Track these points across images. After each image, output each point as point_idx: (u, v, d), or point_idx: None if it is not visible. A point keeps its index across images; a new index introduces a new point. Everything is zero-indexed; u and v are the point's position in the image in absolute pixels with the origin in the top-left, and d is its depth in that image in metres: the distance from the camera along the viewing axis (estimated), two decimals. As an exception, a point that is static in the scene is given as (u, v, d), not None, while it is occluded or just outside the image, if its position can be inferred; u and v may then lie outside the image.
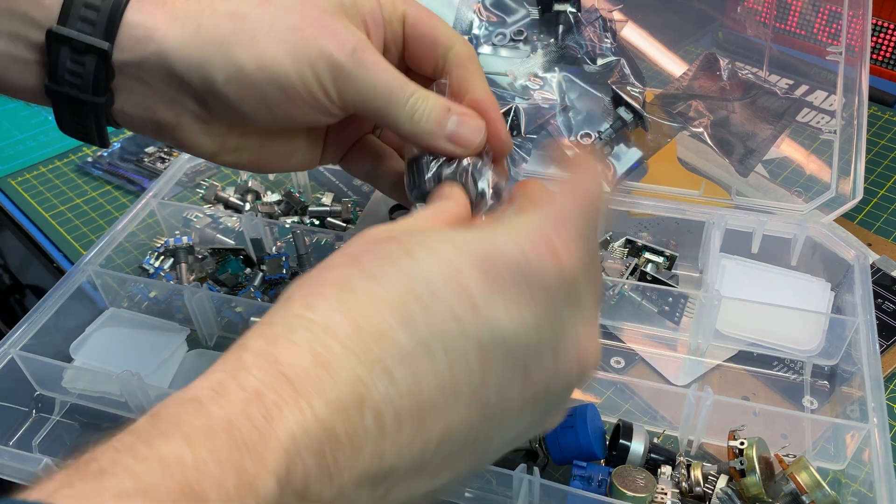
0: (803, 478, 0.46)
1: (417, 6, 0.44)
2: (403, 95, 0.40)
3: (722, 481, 0.49)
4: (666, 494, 0.47)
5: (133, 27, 0.39)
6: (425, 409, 0.29)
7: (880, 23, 0.89)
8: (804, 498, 0.46)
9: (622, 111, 0.68)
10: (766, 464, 0.48)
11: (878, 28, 0.89)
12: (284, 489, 0.26)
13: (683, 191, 0.67)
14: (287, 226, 0.67)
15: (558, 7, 0.72)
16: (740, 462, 0.47)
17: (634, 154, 0.69)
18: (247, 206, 0.72)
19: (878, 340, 0.56)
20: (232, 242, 0.70)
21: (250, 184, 0.73)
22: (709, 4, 0.76)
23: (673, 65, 0.74)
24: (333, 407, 0.27)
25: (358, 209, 0.71)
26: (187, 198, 0.76)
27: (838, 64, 0.67)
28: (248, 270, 0.66)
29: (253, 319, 0.60)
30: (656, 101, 0.71)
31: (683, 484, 0.49)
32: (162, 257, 0.67)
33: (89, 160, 0.84)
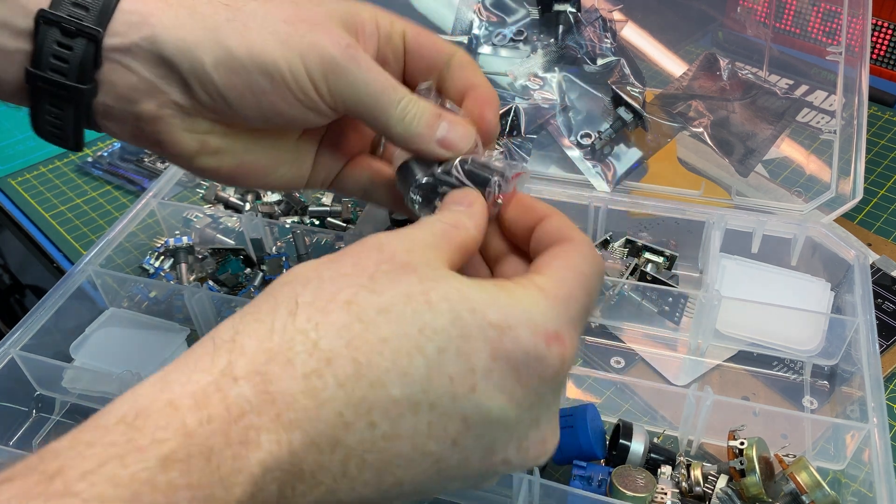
0: (803, 478, 0.46)
1: (416, 25, 0.45)
2: (395, 97, 0.40)
3: (722, 481, 0.49)
4: (666, 494, 0.47)
5: (128, 13, 0.39)
6: (391, 461, 0.30)
7: (880, 23, 0.89)
8: (804, 498, 0.46)
9: (622, 111, 0.68)
10: (766, 464, 0.48)
11: (878, 28, 0.89)
12: None
13: (683, 191, 0.67)
14: (287, 226, 0.67)
15: (558, 7, 0.72)
16: (740, 462, 0.47)
17: (634, 154, 0.69)
18: (247, 206, 0.72)
19: (878, 340, 0.56)
20: (232, 242, 0.70)
21: (250, 184, 0.73)
22: (709, 4, 0.76)
23: (673, 65, 0.74)
24: (309, 442, 0.28)
25: (358, 209, 0.71)
26: (187, 198, 0.76)
27: (838, 64, 0.67)
28: (248, 270, 0.66)
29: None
30: (656, 101, 0.71)
31: (683, 484, 0.49)
32: (162, 257, 0.67)
33: (89, 160, 0.84)
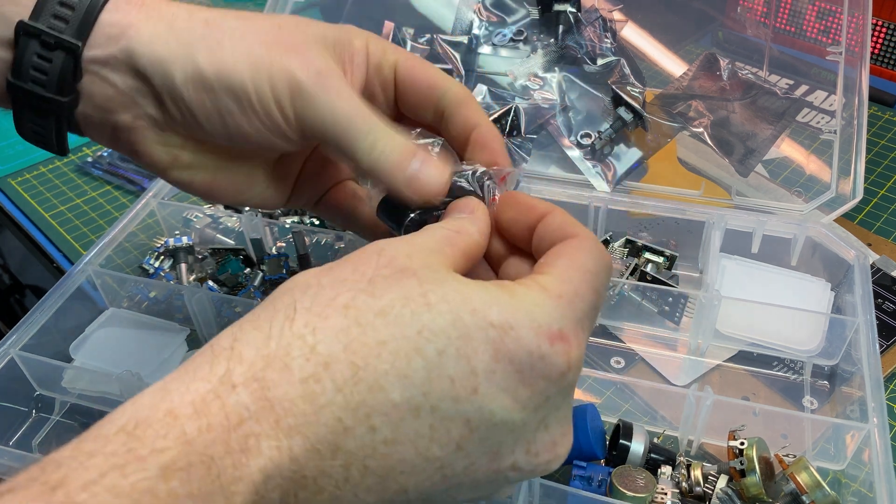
0: (803, 478, 0.46)
1: (410, 55, 0.44)
2: (365, 127, 0.38)
3: (722, 481, 0.49)
4: (666, 494, 0.47)
5: (107, 26, 0.39)
6: (394, 466, 0.29)
7: (880, 23, 0.89)
8: (804, 498, 0.46)
9: (622, 111, 0.68)
10: (766, 464, 0.48)
11: (878, 28, 0.89)
12: None
13: (683, 191, 0.67)
14: (287, 226, 0.67)
15: (558, 7, 0.72)
16: (740, 462, 0.47)
17: (634, 154, 0.69)
18: (246, 206, 0.72)
19: (878, 340, 0.56)
20: (232, 242, 0.70)
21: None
22: (709, 4, 0.76)
23: (673, 65, 0.74)
24: (310, 447, 0.27)
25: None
26: (187, 198, 0.76)
27: (838, 64, 0.67)
28: (248, 270, 0.66)
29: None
30: (656, 101, 0.71)
31: (683, 484, 0.49)
32: (162, 257, 0.67)
33: (89, 160, 0.84)
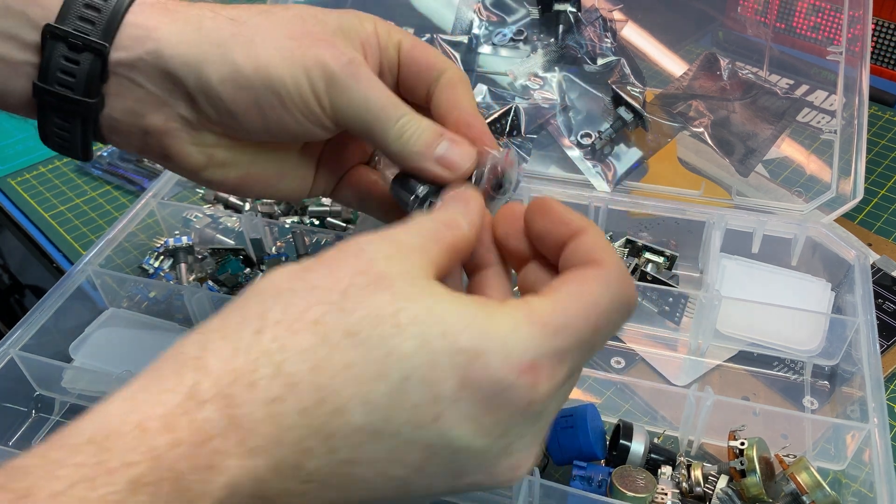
0: (803, 478, 0.46)
1: (411, 36, 0.45)
2: (395, 114, 0.40)
3: (722, 481, 0.49)
4: (666, 495, 0.47)
5: (133, 27, 0.39)
6: (353, 483, 0.29)
7: (880, 23, 0.89)
8: (804, 498, 0.46)
9: (622, 111, 0.68)
10: (767, 464, 0.48)
11: (879, 28, 0.89)
12: None
13: (683, 191, 0.67)
14: (287, 226, 0.67)
15: (558, 7, 0.72)
16: (740, 462, 0.47)
17: (634, 154, 0.69)
18: (247, 206, 0.72)
19: (879, 340, 0.56)
20: (232, 242, 0.70)
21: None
22: (709, 4, 0.76)
23: (673, 65, 0.74)
24: (273, 467, 0.28)
25: (358, 209, 0.71)
26: (187, 198, 0.76)
27: (838, 64, 0.67)
28: (248, 270, 0.66)
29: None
30: (656, 101, 0.71)
31: (684, 484, 0.49)
32: (162, 257, 0.67)
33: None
